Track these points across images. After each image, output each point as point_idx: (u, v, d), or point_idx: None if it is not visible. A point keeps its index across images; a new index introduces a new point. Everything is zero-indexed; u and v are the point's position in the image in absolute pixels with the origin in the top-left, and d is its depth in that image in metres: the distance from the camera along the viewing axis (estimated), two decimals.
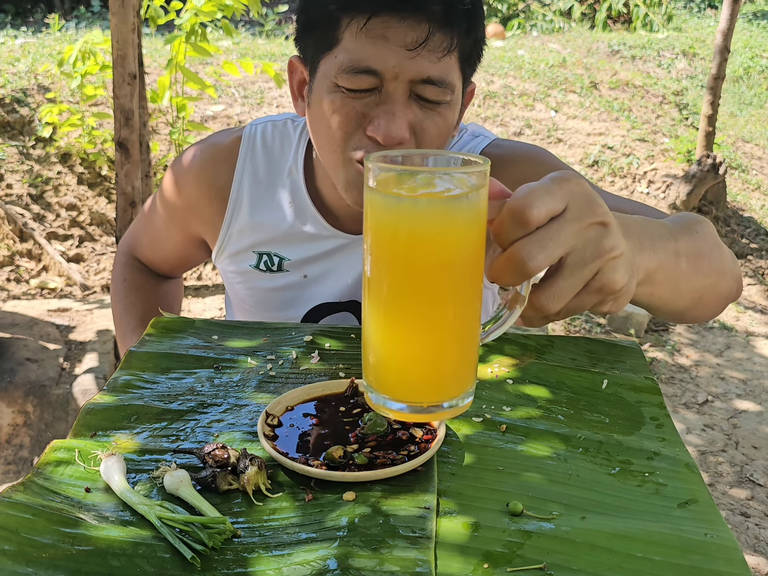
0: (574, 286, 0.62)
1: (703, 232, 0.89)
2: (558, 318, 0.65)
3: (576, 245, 0.61)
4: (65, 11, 9.25)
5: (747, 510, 2.52)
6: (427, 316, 0.60)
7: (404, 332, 0.61)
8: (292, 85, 1.06)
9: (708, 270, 0.86)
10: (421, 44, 0.90)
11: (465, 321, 0.61)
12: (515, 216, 0.59)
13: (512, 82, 5.89)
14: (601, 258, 0.62)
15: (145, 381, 0.90)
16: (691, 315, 0.94)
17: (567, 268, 0.62)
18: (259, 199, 1.17)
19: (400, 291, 0.59)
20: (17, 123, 4.23)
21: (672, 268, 0.78)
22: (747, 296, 4.19)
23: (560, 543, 0.64)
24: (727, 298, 0.97)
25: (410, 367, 0.62)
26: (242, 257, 1.19)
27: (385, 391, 0.64)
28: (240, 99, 5.01)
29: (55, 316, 3.15)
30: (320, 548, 0.63)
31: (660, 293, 0.79)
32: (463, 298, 0.60)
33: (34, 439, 2.57)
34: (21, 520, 0.64)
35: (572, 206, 0.61)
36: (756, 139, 6.01)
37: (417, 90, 0.94)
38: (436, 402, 0.63)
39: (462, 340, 0.62)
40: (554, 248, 0.60)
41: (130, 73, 2.61)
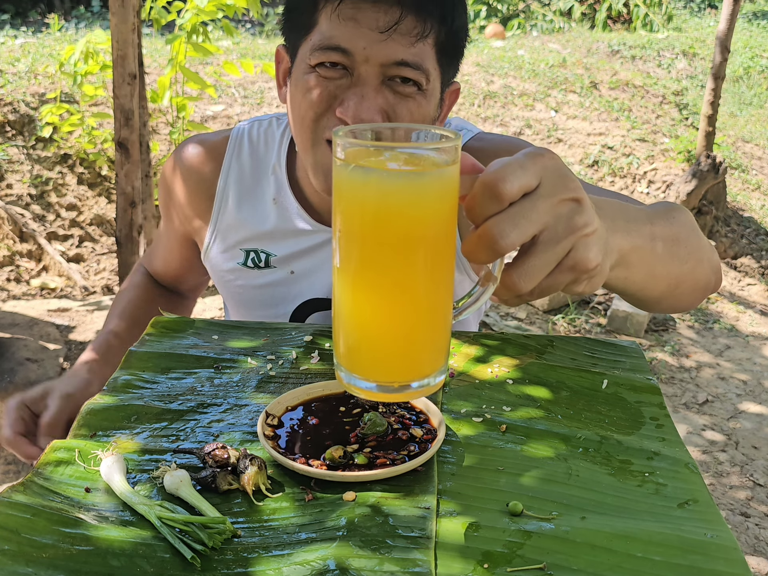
0: (546, 265, 0.61)
1: (681, 218, 0.88)
2: (531, 297, 0.63)
3: (549, 222, 0.60)
4: (65, 11, 9.25)
5: (747, 510, 2.52)
6: (396, 292, 0.58)
7: (373, 309, 0.59)
8: (278, 73, 1.09)
9: (685, 256, 0.85)
10: (392, 27, 0.92)
11: (436, 298, 0.60)
12: (488, 190, 0.58)
13: (512, 82, 5.89)
14: (574, 235, 0.60)
15: (145, 381, 0.90)
16: (668, 303, 0.92)
17: (539, 245, 0.60)
18: (244, 197, 1.19)
19: (370, 267, 0.58)
20: (17, 123, 4.23)
21: (647, 251, 0.76)
22: (747, 296, 4.20)
23: (560, 543, 0.64)
24: (705, 287, 0.95)
25: (380, 346, 0.60)
26: (230, 255, 1.20)
27: (354, 370, 0.62)
28: (240, 99, 5.01)
29: (55, 316, 3.15)
30: (320, 548, 0.63)
31: (635, 277, 0.77)
32: (434, 274, 0.59)
33: None
34: (21, 520, 0.64)
35: (545, 182, 0.60)
36: (756, 139, 6.01)
37: (390, 73, 0.95)
38: (407, 381, 0.61)
39: (433, 317, 0.60)
40: (527, 226, 0.58)
41: (130, 73, 2.61)
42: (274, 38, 7.37)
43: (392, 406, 0.82)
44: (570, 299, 3.80)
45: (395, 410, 0.81)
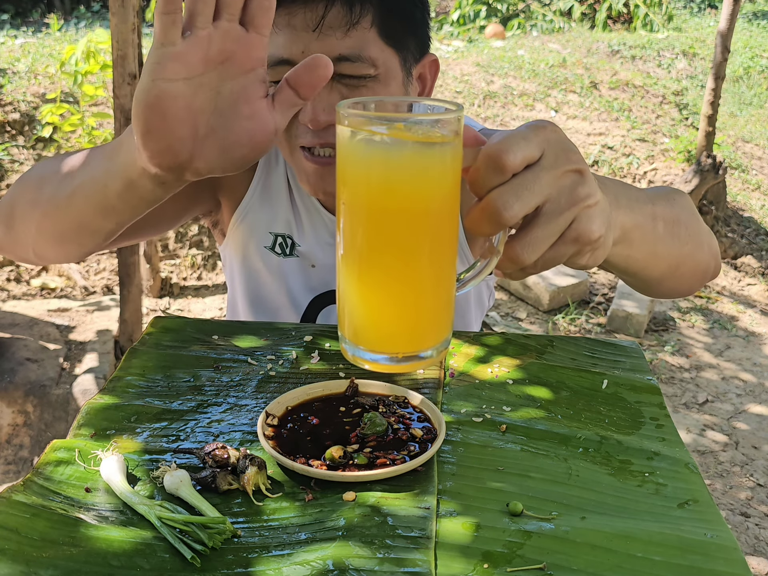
0: (549, 236, 0.61)
1: (681, 201, 0.88)
2: (535, 270, 0.63)
3: (552, 194, 0.60)
4: (65, 11, 9.25)
5: (747, 510, 2.52)
6: (400, 264, 0.58)
7: (378, 281, 0.59)
8: None
9: (685, 237, 0.85)
10: (319, 23, 0.91)
11: (440, 270, 0.60)
12: (491, 162, 0.58)
13: (512, 82, 5.89)
14: (577, 206, 0.61)
15: (145, 381, 0.90)
16: (669, 285, 0.92)
17: (542, 217, 0.60)
18: (279, 180, 1.17)
19: (374, 239, 0.58)
20: (17, 123, 4.23)
21: (649, 230, 0.77)
22: (747, 296, 4.20)
23: (560, 543, 0.64)
24: (705, 271, 0.95)
25: (384, 317, 0.61)
26: (258, 235, 1.18)
27: (360, 342, 0.62)
28: None
29: (55, 316, 3.15)
30: (320, 548, 0.63)
31: (637, 255, 0.78)
32: (438, 246, 0.59)
33: (34, 439, 2.57)
34: (21, 520, 0.64)
35: (548, 153, 0.60)
36: (756, 139, 6.01)
37: (336, 70, 0.92)
38: (412, 352, 0.61)
39: (437, 289, 0.61)
40: (530, 197, 0.59)
41: (130, 73, 2.61)
42: None
43: (392, 406, 0.82)
44: (570, 299, 3.80)
45: (395, 410, 0.81)
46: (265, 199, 1.18)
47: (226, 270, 1.33)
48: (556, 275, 3.83)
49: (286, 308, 1.21)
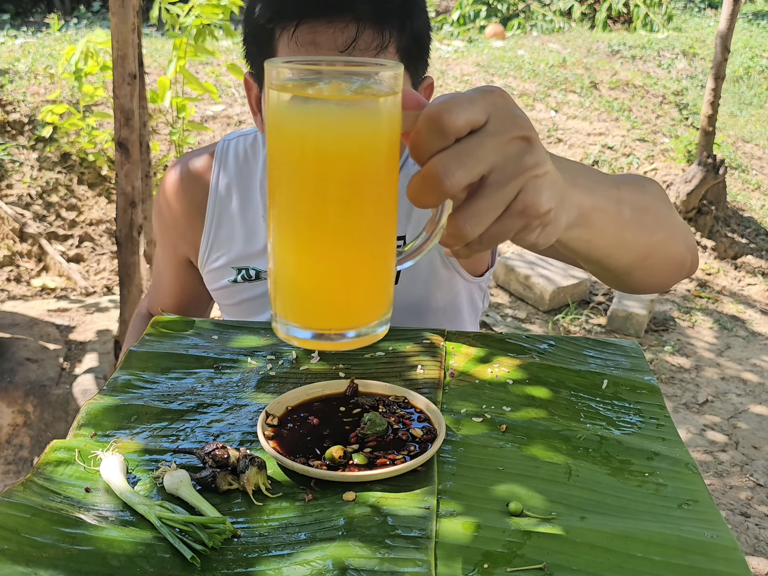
0: (494, 207, 0.55)
1: (651, 189, 0.84)
2: (480, 247, 0.57)
3: (497, 161, 0.54)
4: (65, 11, 9.25)
5: (747, 510, 2.52)
6: (331, 233, 0.53)
7: (308, 252, 0.54)
8: (251, 101, 1.07)
9: (654, 225, 0.80)
10: (350, 45, 0.90)
11: (375, 241, 0.55)
12: (432, 123, 0.53)
13: (512, 82, 5.89)
14: (523, 175, 0.55)
15: (145, 381, 0.90)
16: (639, 276, 0.86)
17: (487, 187, 0.54)
18: (233, 215, 1.18)
19: (302, 205, 0.53)
20: (17, 123, 4.23)
21: (612, 215, 0.71)
22: (747, 296, 4.20)
23: (560, 543, 0.64)
24: (680, 265, 0.90)
25: (314, 291, 0.56)
26: (222, 273, 1.21)
27: (290, 318, 0.57)
28: (240, 99, 5.01)
29: (55, 316, 3.15)
30: (320, 548, 0.63)
31: (599, 241, 0.72)
32: (372, 215, 0.54)
33: (34, 439, 2.57)
34: (21, 520, 0.64)
35: (494, 118, 0.54)
36: (756, 139, 6.01)
37: None
38: (345, 329, 0.56)
39: (371, 261, 0.56)
40: (474, 164, 0.53)
41: (130, 73, 2.61)
42: None
43: (392, 406, 0.82)
44: (570, 299, 3.80)
45: (395, 410, 0.81)
46: (220, 239, 1.19)
47: None
48: (556, 275, 3.83)
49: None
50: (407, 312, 1.16)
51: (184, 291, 1.31)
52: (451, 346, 1.00)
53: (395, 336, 1.02)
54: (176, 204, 1.22)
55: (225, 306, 1.25)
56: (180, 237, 1.24)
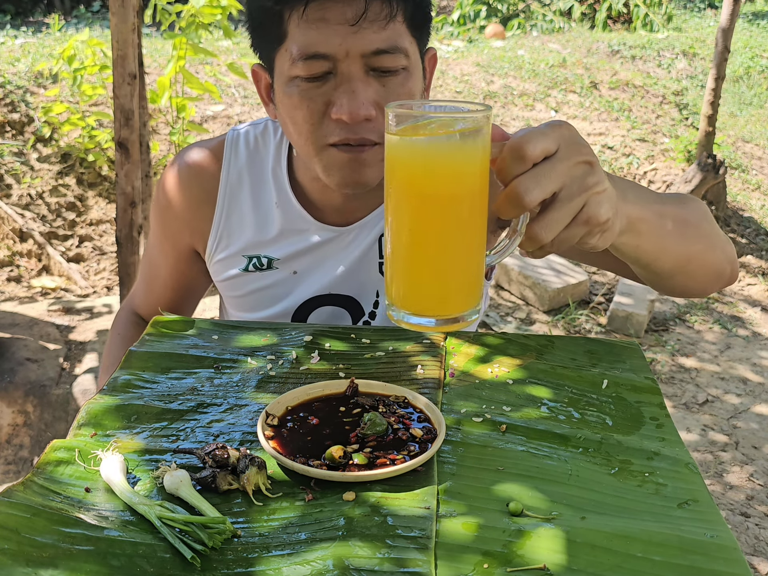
0: (564, 218, 0.69)
1: (692, 205, 0.95)
2: (552, 249, 0.72)
3: (566, 181, 0.68)
4: (65, 11, 9.25)
5: (747, 510, 2.52)
6: (439, 240, 0.69)
7: (421, 254, 0.70)
8: (260, 92, 1.08)
9: (694, 236, 0.92)
10: (361, 17, 0.92)
11: (471, 245, 0.70)
12: (514, 152, 0.67)
13: (512, 82, 5.89)
14: (587, 192, 0.69)
15: (145, 381, 0.90)
16: (681, 281, 0.97)
17: (558, 202, 0.69)
18: (245, 203, 1.18)
19: (418, 219, 0.69)
20: (17, 123, 4.23)
21: (656, 225, 0.84)
22: (747, 296, 4.20)
23: (560, 543, 0.64)
24: (718, 273, 1.00)
25: (426, 285, 0.71)
26: (231, 262, 1.20)
27: (404, 307, 0.72)
28: (240, 99, 5.01)
29: (55, 316, 3.15)
30: (320, 548, 0.63)
31: (646, 246, 0.85)
32: (470, 225, 0.69)
33: (34, 439, 2.57)
34: (21, 520, 0.64)
35: (563, 147, 0.69)
36: (756, 139, 6.01)
37: (372, 63, 0.95)
38: (448, 315, 0.72)
39: (469, 261, 0.71)
40: (547, 184, 0.67)
41: (130, 73, 2.61)
42: None
43: (392, 406, 0.82)
44: (570, 299, 3.80)
45: (395, 410, 0.81)
46: (231, 227, 1.19)
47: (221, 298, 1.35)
48: (556, 275, 3.83)
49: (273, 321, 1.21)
50: None
51: (181, 283, 1.30)
52: (451, 346, 1.00)
53: (395, 336, 1.02)
54: (184, 193, 1.20)
55: (233, 298, 1.23)
56: (185, 227, 1.22)
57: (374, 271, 1.17)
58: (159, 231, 1.27)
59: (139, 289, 1.35)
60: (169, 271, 1.29)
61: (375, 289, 1.19)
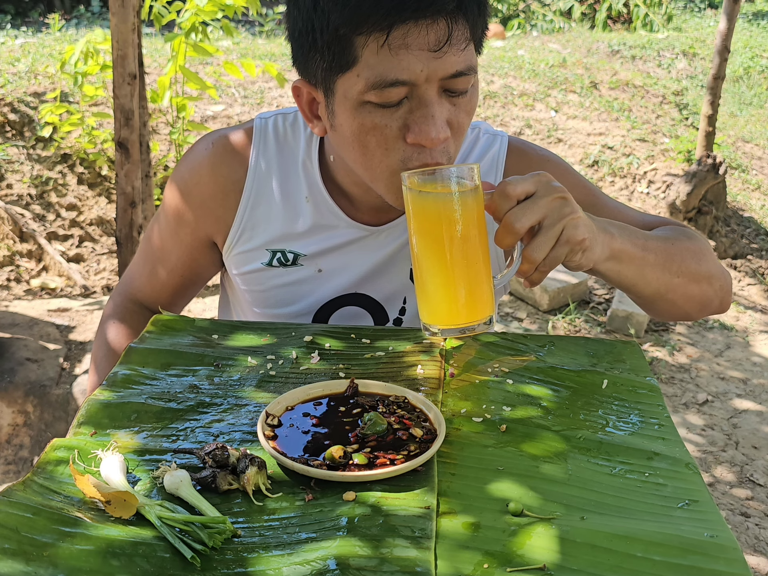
0: (549, 240, 0.87)
1: (683, 244, 1.07)
2: (544, 268, 0.89)
3: (547, 212, 0.87)
4: (65, 11, 9.25)
5: (747, 510, 2.52)
6: (458, 267, 0.89)
7: (443, 278, 0.90)
8: (302, 107, 1.04)
9: (676, 270, 1.04)
10: (445, 43, 0.90)
11: (483, 269, 0.90)
12: (502, 194, 0.87)
13: (512, 82, 5.89)
14: (565, 219, 0.87)
15: (144, 377, 0.90)
16: (661, 307, 1.09)
17: (543, 228, 0.87)
18: (273, 195, 1.15)
19: (440, 254, 0.89)
20: (17, 123, 4.23)
21: (637, 256, 0.99)
22: (747, 296, 4.19)
23: (560, 543, 0.64)
24: (703, 304, 1.10)
25: (451, 301, 0.90)
26: (254, 255, 1.16)
27: (434, 322, 0.92)
28: (240, 99, 5.01)
29: (55, 316, 3.15)
30: (320, 548, 0.63)
31: (627, 273, 0.99)
32: (478, 254, 0.89)
33: (34, 439, 2.57)
34: (21, 519, 0.64)
35: (541, 188, 0.88)
36: (756, 139, 6.01)
37: (448, 86, 0.93)
38: (470, 323, 0.90)
39: (480, 281, 0.90)
40: (532, 214, 0.86)
41: (130, 73, 2.61)
42: (274, 38, 7.36)
43: (392, 406, 0.82)
44: (570, 299, 3.80)
45: (395, 410, 0.81)
46: (256, 219, 1.15)
47: (226, 294, 1.32)
48: (556, 275, 3.83)
49: (294, 319, 1.18)
50: None
51: (192, 270, 1.24)
52: (451, 346, 1.00)
53: (395, 336, 1.02)
54: (210, 180, 1.16)
55: (253, 292, 1.20)
56: (208, 215, 1.17)
57: (404, 275, 1.15)
58: (176, 216, 1.20)
59: (140, 272, 1.28)
60: (180, 257, 1.23)
61: (403, 295, 1.16)
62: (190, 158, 1.18)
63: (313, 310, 1.17)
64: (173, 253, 1.23)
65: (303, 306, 1.17)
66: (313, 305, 1.17)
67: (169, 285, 1.25)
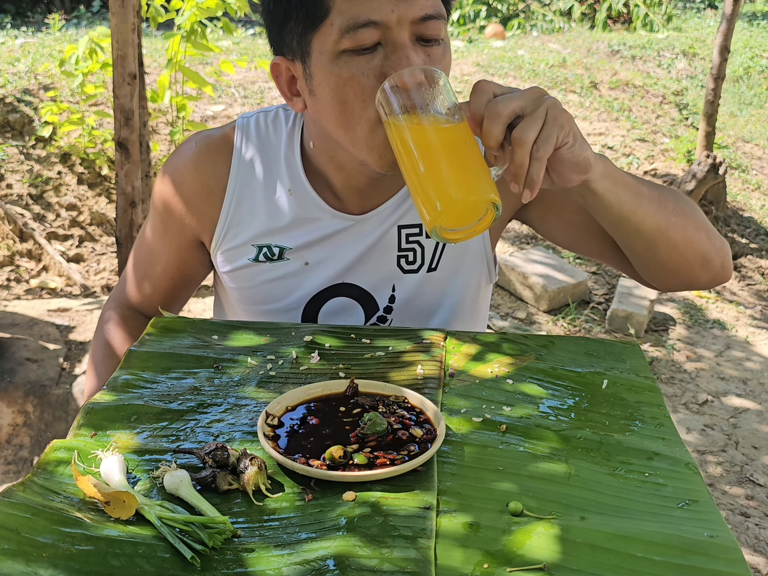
0: (537, 119, 0.83)
1: (675, 194, 1.04)
2: (539, 153, 0.83)
3: (527, 102, 0.84)
4: (65, 11, 9.25)
5: (747, 510, 2.52)
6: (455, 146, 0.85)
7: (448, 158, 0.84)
8: (282, 87, 1.06)
9: (672, 209, 1.01)
10: None
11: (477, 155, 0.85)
12: (476, 89, 0.86)
13: (512, 82, 5.89)
14: (545, 103, 0.84)
15: (145, 380, 0.90)
16: (664, 251, 1.02)
17: (528, 114, 0.84)
18: (257, 191, 1.16)
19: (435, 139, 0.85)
20: (17, 123, 4.23)
21: (630, 182, 0.96)
22: (747, 296, 4.20)
23: (560, 543, 0.64)
24: (705, 257, 1.05)
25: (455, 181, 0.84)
26: (240, 252, 1.17)
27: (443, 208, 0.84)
28: (240, 99, 5.01)
29: (55, 316, 3.15)
30: (320, 548, 0.63)
31: (624, 197, 0.95)
32: (473, 142, 0.85)
33: (34, 439, 2.57)
34: (21, 520, 0.64)
35: (515, 90, 0.86)
36: (756, 139, 6.01)
37: (419, 31, 0.95)
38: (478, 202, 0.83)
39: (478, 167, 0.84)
40: (513, 99, 0.84)
41: (130, 73, 2.61)
42: None
43: (392, 406, 0.82)
44: (570, 299, 3.80)
45: (395, 410, 0.81)
46: (241, 215, 1.16)
47: (219, 297, 1.32)
48: (556, 275, 3.83)
49: (283, 314, 1.19)
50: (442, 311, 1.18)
51: (181, 272, 1.25)
52: (451, 346, 1.00)
53: (395, 335, 1.02)
54: (193, 180, 1.17)
55: (241, 289, 1.20)
56: (192, 215, 1.19)
57: (391, 262, 1.15)
58: (162, 218, 1.22)
59: (133, 279, 1.29)
60: (169, 259, 1.24)
61: (391, 283, 1.16)
62: (174, 159, 1.20)
63: (301, 305, 1.18)
64: (162, 256, 1.24)
65: (292, 301, 1.18)
66: (302, 299, 1.17)
67: (160, 288, 1.26)
